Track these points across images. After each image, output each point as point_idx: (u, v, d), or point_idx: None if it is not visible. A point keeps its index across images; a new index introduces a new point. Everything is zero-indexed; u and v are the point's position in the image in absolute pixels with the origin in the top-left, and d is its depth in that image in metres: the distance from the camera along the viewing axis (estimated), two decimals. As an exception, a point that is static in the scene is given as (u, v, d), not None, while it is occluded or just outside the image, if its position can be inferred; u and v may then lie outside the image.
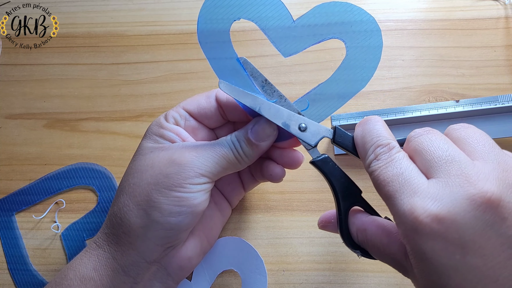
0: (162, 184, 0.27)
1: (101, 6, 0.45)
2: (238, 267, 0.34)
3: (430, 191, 0.21)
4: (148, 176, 0.27)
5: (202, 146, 0.28)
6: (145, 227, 0.27)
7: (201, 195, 0.28)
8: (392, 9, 0.43)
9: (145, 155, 0.29)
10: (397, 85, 0.40)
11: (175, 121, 0.31)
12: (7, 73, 0.43)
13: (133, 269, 0.27)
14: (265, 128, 0.28)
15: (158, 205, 0.27)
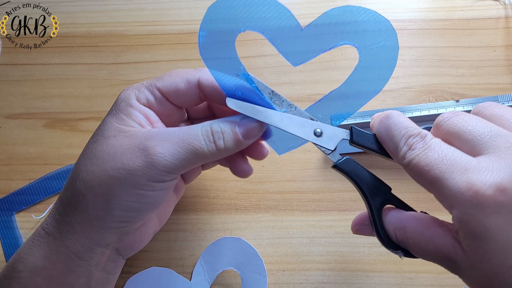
0: (125, 180, 0.25)
1: (101, 6, 0.45)
2: (238, 267, 0.34)
3: (483, 165, 0.20)
4: (109, 168, 0.25)
5: (171, 136, 0.25)
6: (102, 219, 0.26)
7: (165, 192, 0.27)
8: (392, 9, 0.43)
9: (107, 138, 0.26)
10: (397, 85, 0.40)
11: (147, 103, 0.28)
12: (7, 73, 0.43)
13: (87, 255, 0.26)
14: (255, 127, 0.27)
15: (118, 200, 0.25)
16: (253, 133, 0.27)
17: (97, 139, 0.27)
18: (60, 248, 0.26)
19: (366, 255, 0.34)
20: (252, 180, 0.37)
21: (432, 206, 0.35)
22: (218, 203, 0.37)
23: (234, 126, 0.26)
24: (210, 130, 0.26)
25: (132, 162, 0.25)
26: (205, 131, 0.26)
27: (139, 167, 0.25)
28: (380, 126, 0.26)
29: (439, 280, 0.33)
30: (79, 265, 0.26)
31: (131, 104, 0.27)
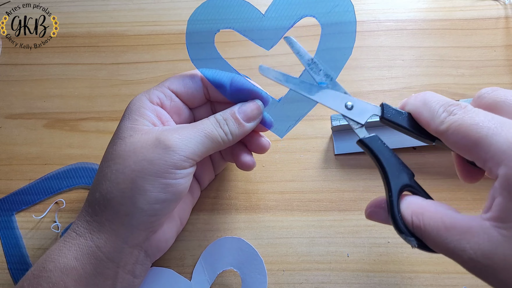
0: (147, 171, 0.26)
1: (101, 6, 0.45)
2: (238, 267, 0.34)
3: None
4: (132, 163, 0.26)
5: (185, 127, 0.28)
6: (130, 214, 0.26)
7: (186, 180, 0.28)
8: (392, 9, 0.43)
9: (124, 139, 0.28)
10: (397, 85, 0.40)
11: (160, 101, 0.30)
12: (7, 73, 0.43)
13: (116, 255, 0.27)
14: (253, 109, 0.30)
15: (144, 192, 0.26)
16: (252, 115, 0.29)
17: (116, 142, 0.28)
18: (91, 249, 0.27)
19: (366, 255, 0.34)
20: (252, 180, 0.37)
21: (432, 206, 0.36)
22: (218, 203, 0.37)
23: (234, 112, 0.29)
24: (215, 118, 0.29)
25: (152, 153, 0.26)
26: (213, 118, 0.29)
27: (160, 155, 0.26)
28: (416, 100, 0.25)
29: (439, 280, 0.33)
30: (108, 267, 0.27)
31: (143, 105, 0.29)
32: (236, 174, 0.38)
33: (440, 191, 0.36)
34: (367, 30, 0.42)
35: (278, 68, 0.41)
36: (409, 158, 0.37)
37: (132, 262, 0.28)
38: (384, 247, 0.35)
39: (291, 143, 0.38)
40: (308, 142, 0.38)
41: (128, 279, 0.29)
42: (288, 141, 0.38)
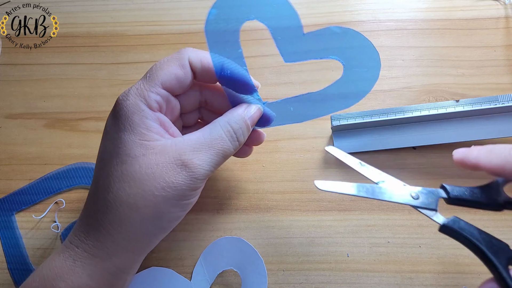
0: (171, 197, 0.26)
1: (101, 6, 0.45)
2: (238, 267, 0.34)
3: None
4: (153, 188, 0.26)
5: (201, 145, 0.27)
6: (151, 234, 0.27)
7: (199, 194, 0.29)
8: (392, 9, 0.43)
9: (136, 158, 0.26)
10: (397, 85, 0.40)
11: (158, 106, 0.28)
12: (7, 73, 0.43)
13: (130, 266, 0.28)
14: (258, 115, 0.30)
15: (167, 215, 0.27)
16: (256, 119, 0.30)
17: (124, 160, 0.26)
18: (106, 266, 0.27)
19: (366, 255, 0.34)
20: (252, 180, 0.37)
21: (432, 206, 0.36)
22: (218, 203, 0.37)
23: (246, 119, 0.29)
24: (231, 129, 0.28)
25: (175, 179, 0.26)
26: (227, 131, 0.28)
27: (183, 181, 0.26)
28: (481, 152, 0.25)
29: (439, 280, 0.33)
30: (120, 278, 0.28)
31: (146, 115, 0.27)
32: (236, 174, 0.38)
33: (440, 191, 0.36)
34: (367, 30, 0.42)
35: (277, 68, 0.41)
36: (409, 158, 0.37)
37: (137, 267, 0.30)
38: (384, 247, 0.35)
39: (291, 143, 0.38)
40: (308, 142, 0.38)
41: (130, 279, 0.30)
42: (288, 141, 0.38)
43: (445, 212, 0.27)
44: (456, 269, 0.34)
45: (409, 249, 0.34)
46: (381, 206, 0.36)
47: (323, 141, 0.38)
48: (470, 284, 0.33)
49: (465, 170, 0.26)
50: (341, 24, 0.42)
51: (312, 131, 0.39)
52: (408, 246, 0.34)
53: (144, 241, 0.27)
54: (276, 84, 0.41)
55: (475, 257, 0.34)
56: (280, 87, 0.41)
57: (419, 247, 0.34)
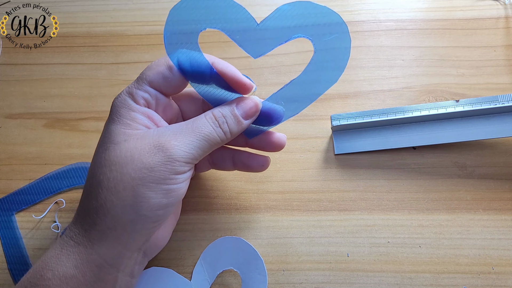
0: (149, 179, 0.26)
1: (101, 6, 0.45)
2: (238, 267, 0.34)
3: None
4: (130, 170, 0.26)
5: (181, 130, 0.27)
6: (133, 221, 0.26)
7: (186, 183, 0.28)
8: (392, 9, 0.43)
9: (118, 144, 0.27)
10: (397, 85, 0.40)
11: (146, 103, 0.29)
12: (7, 73, 0.43)
13: (118, 261, 0.27)
14: (252, 107, 0.29)
15: (147, 199, 0.26)
16: (250, 112, 0.29)
17: (108, 147, 0.27)
18: (91, 257, 0.27)
19: (366, 255, 0.34)
20: (252, 180, 0.37)
21: (433, 206, 0.36)
22: (218, 203, 0.37)
23: (234, 109, 0.28)
24: (213, 116, 0.28)
25: (151, 160, 0.26)
26: (209, 118, 0.28)
27: (160, 162, 0.26)
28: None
29: (439, 280, 0.33)
30: (109, 273, 0.27)
31: (132, 108, 0.28)
32: (236, 174, 0.38)
33: (440, 191, 0.36)
34: (367, 30, 0.42)
35: (277, 68, 0.41)
36: (409, 158, 0.37)
37: (132, 264, 0.29)
38: (384, 247, 0.35)
39: (291, 143, 0.38)
40: (308, 142, 0.38)
41: (127, 281, 0.29)
42: (288, 141, 0.38)
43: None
44: (456, 269, 0.34)
45: (409, 249, 0.34)
46: (381, 206, 0.36)
47: (323, 141, 0.38)
48: (470, 284, 0.33)
49: None
50: (341, 24, 0.42)
51: (312, 131, 0.39)
52: (408, 246, 0.34)
53: (127, 229, 0.26)
54: (276, 84, 0.41)
55: (475, 256, 0.34)
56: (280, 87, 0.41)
57: (419, 247, 0.34)
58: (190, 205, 0.37)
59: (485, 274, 0.33)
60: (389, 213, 0.35)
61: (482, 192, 0.36)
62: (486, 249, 0.34)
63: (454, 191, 0.36)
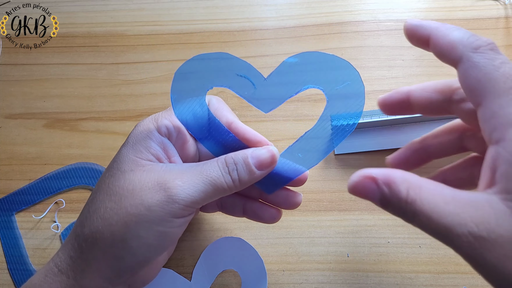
0: (143, 217, 0.24)
1: (101, 6, 0.45)
2: (238, 267, 0.34)
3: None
4: (128, 205, 0.24)
5: (189, 171, 0.25)
6: (121, 258, 0.25)
7: (183, 227, 0.26)
8: (392, 9, 0.43)
9: (124, 173, 0.25)
10: (397, 85, 0.40)
11: (167, 132, 0.27)
12: (7, 73, 0.43)
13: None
14: (268, 157, 0.27)
15: (137, 239, 0.24)
16: (265, 163, 0.26)
17: (114, 173, 0.26)
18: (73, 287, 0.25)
19: (366, 255, 0.34)
20: (252, 180, 0.37)
21: (432, 206, 0.36)
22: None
23: (247, 157, 0.26)
24: (225, 162, 0.26)
25: (151, 198, 0.24)
26: (221, 163, 0.26)
27: (159, 202, 0.24)
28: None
29: (439, 280, 0.33)
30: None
31: (151, 135, 0.26)
32: (236, 174, 0.38)
33: (440, 191, 0.36)
34: (367, 30, 0.42)
35: (278, 68, 0.41)
36: (409, 158, 0.37)
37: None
38: (384, 247, 0.35)
39: (291, 143, 0.38)
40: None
41: None
42: (288, 141, 0.38)
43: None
44: (456, 269, 0.34)
45: (409, 249, 0.34)
46: (381, 206, 0.36)
47: (323, 141, 0.38)
48: (470, 284, 0.33)
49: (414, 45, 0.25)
50: (341, 24, 0.42)
51: (312, 131, 0.39)
52: (408, 246, 0.34)
53: (112, 265, 0.25)
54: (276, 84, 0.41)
55: (475, 257, 0.34)
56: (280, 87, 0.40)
57: (419, 247, 0.34)
58: (190, 205, 0.37)
59: (485, 274, 0.33)
60: (389, 213, 0.35)
61: (482, 192, 0.36)
62: (486, 249, 0.34)
63: (454, 191, 0.36)
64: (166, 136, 0.27)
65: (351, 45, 0.41)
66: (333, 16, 0.43)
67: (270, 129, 0.39)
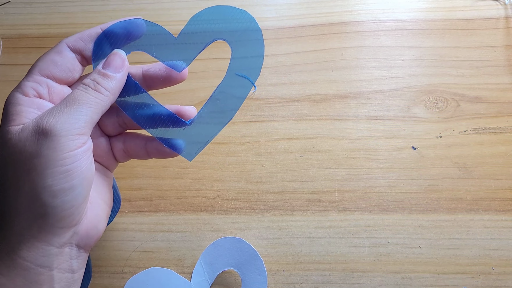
0: (41, 166, 0.24)
1: (101, 6, 0.45)
2: (238, 267, 0.34)
3: None
4: (22, 164, 0.24)
5: (58, 108, 0.26)
6: (44, 215, 0.24)
7: (85, 160, 0.26)
8: (392, 9, 0.43)
9: (6, 143, 0.25)
10: (397, 85, 0.40)
11: (36, 93, 0.27)
12: (7, 73, 0.43)
13: (46, 260, 0.25)
14: (116, 59, 0.28)
15: (48, 188, 0.24)
16: (117, 64, 0.28)
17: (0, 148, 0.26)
18: (15, 262, 0.25)
19: (366, 255, 0.34)
20: (252, 180, 0.37)
21: (433, 206, 0.36)
22: (218, 203, 0.37)
23: (99, 70, 0.28)
24: (83, 84, 0.27)
25: (37, 146, 0.24)
26: (81, 87, 0.27)
27: (45, 145, 0.24)
28: None
29: (439, 280, 0.33)
30: (40, 273, 0.25)
31: (18, 101, 0.26)
32: (236, 174, 0.38)
33: (440, 191, 0.36)
34: (367, 30, 0.42)
35: (277, 68, 0.41)
36: (409, 157, 0.37)
37: (66, 260, 0.27)
38: (384, 247, 0.35)
39: (291, 143, 0.38)
40: (308, 142, 0.38)
41: (67, 277, 0.27)
42: (288, 141, 0.38)
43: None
44: (456, 269, 0.34)
45: (409, 249, 0.34)
46: (381, 206, 0.36)
47: (323, 141, 0.38)
48: (470, 284, 0.33)
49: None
50: (341, 24, 0.42)
51: (312, 131, 0.39)
52: (408, 246, 0.34)
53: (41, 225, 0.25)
54: (276, 84, 0.41)
55: (475, 257, 0.34)
56: (280, 87, 0.41)
57: (419, 247, 0.34)
58: (190, 205, 0.37)
59: (485, 275, 0.33)
60: (389, 213, 0.35)
61: (482, 192, 0.36)
62: (486, 249, 0.34)
63: (454, 191, 0.36)
64: (36, 97, 0.27)
65: (351, 45, 0.41)
66: (333, 16, 0.43)
67: (270, 129, 0.39)
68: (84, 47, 0.29)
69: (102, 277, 0.35)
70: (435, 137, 0.38)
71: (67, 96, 0.26)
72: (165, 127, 0.30)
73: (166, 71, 0.31)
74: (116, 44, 0.29)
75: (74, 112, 0.25)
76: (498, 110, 0.38)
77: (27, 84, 0.27)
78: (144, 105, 0.30)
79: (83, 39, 0.29)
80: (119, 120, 0.32)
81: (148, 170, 0.38)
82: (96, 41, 0.29)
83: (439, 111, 0.38)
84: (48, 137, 0.24)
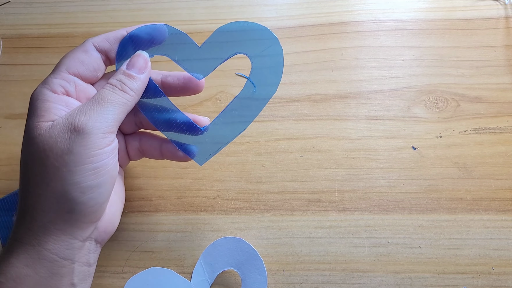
0: (72, 163, 0.25)
1: (101, 6, 0.45)
2: (238, 267, 0.34)
3: None
4: (53, 160, 0.25)
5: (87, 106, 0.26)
6: (70, 210, 0.26)
7: (113, 158, 0.27)
8: (392, 9, 0.43)
9: (34, 138, 0.26)
10: (397, 85, 0.40)
11: (64, 90, 0.28)
12: (7, 73, 0.43)
13: (69, 252, 0.27)
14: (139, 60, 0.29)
15: (76, 185, 0.25)
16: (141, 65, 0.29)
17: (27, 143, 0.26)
18: (41, 253, 0.26)
19: (366, 255, 0.34)
20: (252, 180, 0.37)
21: (433, 206, 0.36)
22: (218, 203, 0.37)
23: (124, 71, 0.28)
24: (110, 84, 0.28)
25: (68, 143, 0.25)
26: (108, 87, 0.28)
27: (76, 142, 0.25)
28: None
29: (439, 280, 0.33)
30: (63, 265, 0.26)
31: (47, 98, 0.27)
32: (236, 174, 0.38)
33: (440, 191, 0.36)
34: (367, 30, 0.42)
35: (278, 68, 0.41)
36: (409, 157, 0.37)
37: (85, 254, 0.28)
38: (384, 247, 0.35)
39: (291, 143, 0.38)
40: (308, 142, 0.38)
41: (84, 270, 0.28)
42: (288, 141, 0.38)
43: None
44: (456, 269, 0.34)
45: (409, 249, 0.34)
46: (381, 206, 0.36)
47: (323, 141, 0.38)
48: (470, 284, 0.33)
49: None
50: (341, 24, 0.42)
51: (312, 131, 0.39)
52: (408, 246, 0.34)
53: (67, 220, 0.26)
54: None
55: (475, 257, 0.34)
56: (279, 87, 0.40)
57: (419, 247, 0.34)
58: (190, 205, 0.37)
59: (485, 275, 0.33)
60: (389, 213, 0.36)
61: (482, 192, 0.36)
62: (486, 249, 0.34)
63: (454, 191, 0.36)
64: (64, 94, 0.28)
65: (351, 45, 0.41)
66: (333, 16, 0.43)
67: (270, 129, 0.39)
68: (110, 48, 0.29)
69: (102, 277, 0.35)
70: (435, 137, 0.38)
71: (95, 95, 0.27)
72: (181, 132, 0.31)
73: (184, 81, 0.32)
74: (140, 47, 0.30)
75: (103, 111, 0.26)
76: (498, 110, 0.38)
77: (55, 82, 0.28)
78: (163, 108, 0.31)
79: (109, 40, 0.29)
80: (136, 119, 0.33)
81: (148, 170, 0.38)
82: (121, 43, 0.29)
83: (439, 111, 0.38)
84: (80, 134, 0.25)
